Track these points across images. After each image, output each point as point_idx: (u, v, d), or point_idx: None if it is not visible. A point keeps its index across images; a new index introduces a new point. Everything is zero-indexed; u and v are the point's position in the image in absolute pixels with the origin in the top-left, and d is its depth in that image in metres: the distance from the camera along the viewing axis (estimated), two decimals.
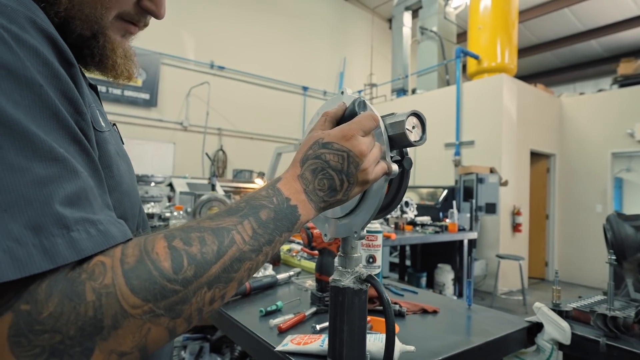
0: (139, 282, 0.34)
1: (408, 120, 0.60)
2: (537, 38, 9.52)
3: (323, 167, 0.51)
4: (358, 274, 0.68)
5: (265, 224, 0.44)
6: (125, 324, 0.33)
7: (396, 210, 3.65)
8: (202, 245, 0.39)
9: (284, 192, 0.48)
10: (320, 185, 0.50)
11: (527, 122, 6.05)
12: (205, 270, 0.38)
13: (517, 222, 5.76)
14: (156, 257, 0.36)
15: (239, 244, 0.41)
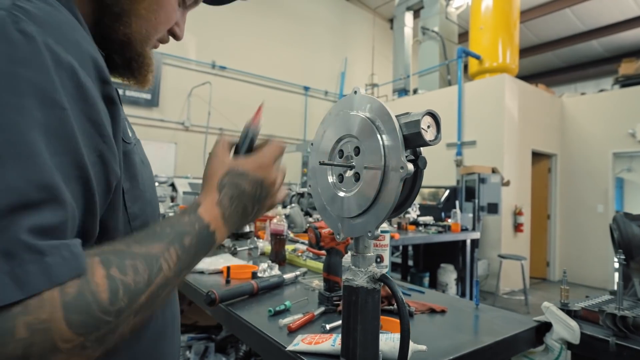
0: (77, 316, 0.33)
1: (423, 120, 0.60)
2: (538, 38, 9.52)
3: (239, 195, 0.55)
4: (372, 274, 0.68)
5: (187, 250, 0.47)
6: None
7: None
8: (135, 275, 0.39)
9: (205, 218, 0.51)
10: (236, 211, 0.55)
11: (528, 122, 6.05)
12: (136, 299, 0.39)
13: (519, 222, 5.76)
14: (96, 288, 0.35)
15: (165, 272, 0.43)
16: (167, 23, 0.59)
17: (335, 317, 1.08)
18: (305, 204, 3.43)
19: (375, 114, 0.66)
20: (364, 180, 0.66)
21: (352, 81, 9.17)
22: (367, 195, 0.64)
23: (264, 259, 1.88)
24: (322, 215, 0.78)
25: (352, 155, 0.69)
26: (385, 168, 0.62)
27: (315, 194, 0.79)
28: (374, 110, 0.66)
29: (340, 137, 0.72)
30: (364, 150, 0.66)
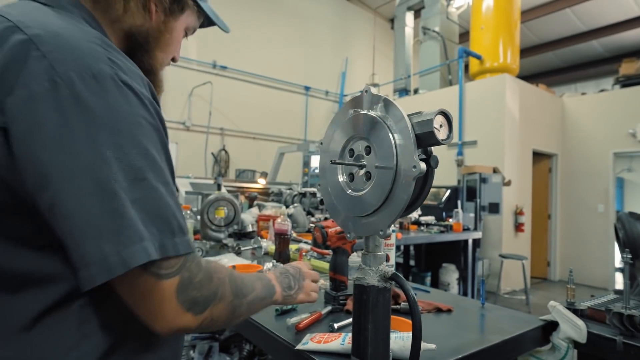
0: (234, 286, 0.63)
1: (436, 119, 0.60)
2: (538, 38, 9.52)
3: (286, 272, 0.87)
4: (383, 272, 0.68)
5: (265, 286, 0.75)
6: (223, 301, 0.60)
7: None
8: (247, 284, 0.68)
9: (272, 281, 0.80)
10: (283, 279, 0.84)
11: (529, 122, 6.05)
12: (248, 295, 0.67)
13: (520, 221, 5.76)
14: (240, 280, 0.66)
15: (257, 292, 0.70)
16: (176, 52, 0.79)
17: (342, 316, 1.09)
18: (307, 203, 3.43)
19: (386, 113, 0.66)
20: (375, 179, 0.66)
21: (352, 81, 9.17)
22: (378, 194, 0.65)
23: (268, 258, 1.88)
24: (331, 214, 0.78)
25: (363, 155, 0.69)
26: (398, 167, 0.62)
27: (324, 192, 0.79)
28: (386, 109, 0.66)
29: (351, 136, 0.72)
30: (375, 149, 0.66)
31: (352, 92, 8.99)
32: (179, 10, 0.72)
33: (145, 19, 0.68)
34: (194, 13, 0.77)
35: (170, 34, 0.72)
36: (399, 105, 0.64)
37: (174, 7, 0.71)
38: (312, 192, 3.40)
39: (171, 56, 0.77)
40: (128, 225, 0.47)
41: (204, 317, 0.56)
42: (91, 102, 0.48)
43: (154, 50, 0.71)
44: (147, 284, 0.50)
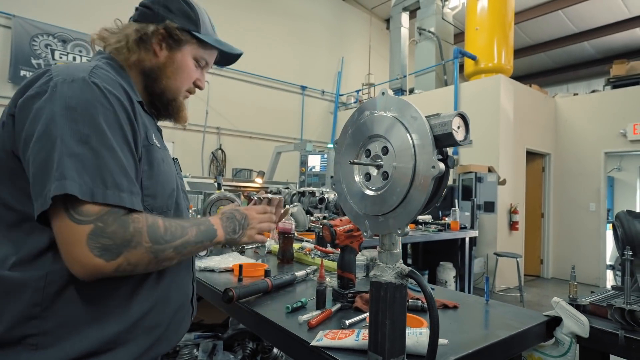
0: (152, 233, 0.71)
1: (454, 121, 0.62)
2: (531, 39, 9.63)
3: (232, 217, 0.95)
4: (400, 270, 0.70)
5: (201, 231, 0.84)
6: (139, 247, 0.69)
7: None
8: (175, 229, 0.77)
9: (212, 221, 0.89)
10: (228, 224, 0.92)
11: (523, 122, 6.13)
12: (174, 240, 0.76)
13: (514, 220, 5.83)
14: (160, 225, 0.74)
15: (189, 235, 0.79)
16: (188, 79, 0.95)
17: (351, 314, 1.11)
18: (306, 202, 3.44)
19: (404, 115, 0.68)
20: (393, 179, 0.68)
21: (348, 81, 9.20)
22: (396, 193, 0.67)
23: (272, 257, 1.90)
24: (346, 212, 0.80)
25: (380, 155, 0.71)
26: (416, 167, 0.64)
27: (339, 191, 0.81)
28: (403, 110, 0.68)
29: (368, 137, 0.74)
30: (392, 149, 0.68)
31: (347, 91, 9.02)
32: (175, 44, 0.90)
33: (152, 57, 0.89)
34: (195, 44, 0.93)
35: (174, 65, 0.91)
36: (417, 108, 0.66)
37: (171, 42, 0.90)
38: (310, 191, 3.42)
39: (184, 83, 0.94)
40: (61, 169, 0.63)
41: (118, 263, 0.66)
42: (62, 92, 0.69)
43: (162, 79, 0.91)
44: (64, 225, 0.64)
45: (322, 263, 1.18)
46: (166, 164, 0.87)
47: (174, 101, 0.94)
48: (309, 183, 5.71)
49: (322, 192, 3.36)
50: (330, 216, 3.26)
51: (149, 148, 0.81)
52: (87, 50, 5.78)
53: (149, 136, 0.82)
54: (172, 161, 0.94)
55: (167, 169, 0.86)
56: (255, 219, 0.98)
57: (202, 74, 0.99)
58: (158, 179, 0.82)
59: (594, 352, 1.07)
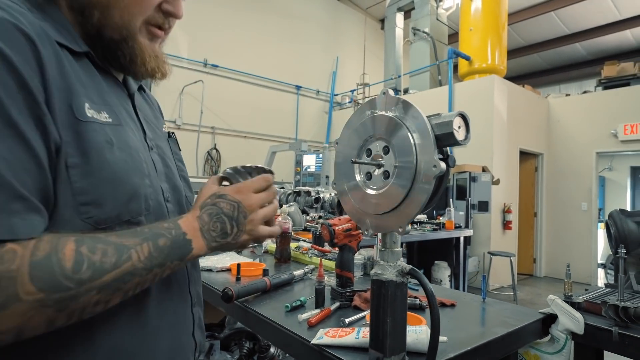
0: (40, 273, 0.41)
1: (455, 120, 0.63)
2: (524, 40, 9.71)
3: (218, 212, 0.60)
4: (400, 268, 0.71)
5: (160, 249, 0.52)
6: (13, 307, 0.39)
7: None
8: (102, 256, 0.46)
9: (183, 227, 0.57)
10: (214, 227, 0.59)
11: (516, 122, 6.19)
12: (100, 276, 0.45)
13: (508, 219, 5.89)
14: (62, 257, 0.43)
15: (134, 261, 0.49)
16: (140, 2, 0.59)
17: (350, 312, 1.11)
18: (301, 202, 3.45)
19: (405, 115, 0.69)
20: (394, 178, 0.69)
21: (343, 80, 9.21)
22: (398, 192, 0.68)
23: (269, 257, 1.90)
24: (348, 211, 0.81)
25: (382, 155, 0.72)
26: (417, 166, 0.65)
27: (341, 191, 0.81)
28: (404, 110, 0.69)
29: (369, 136, 0.75)
30: (393, 149, 0.69)
31: (342, 91, 9.03)
32: None
33: None
34: None
35: None
36: (418, 107, 0.67)
37: None
38: (306, 191, 3.43)
39: (135, 9, 0.59)
40: None
41: None
42: None
43: (105, 10, 0.57)
44: None
45: (321, 262, 1.18)
46: (121, 149, 0.55)
47: (123, 42, 0.59)
48: (304, 183, 5.71)
49: (318, 192, 3.37)
50: (326, 215, 3.27)
51: (79, 127, 0.50)
52: None
53: (76, 107, 0.50)
54: (140, 142, 0.62)
55: (122, 157, 0.55)
56: (254, 205, 0.63)
57: None
58: (101, 175, 0.52)
59: (588, 348, 1.09)
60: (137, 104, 0.69)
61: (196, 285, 0.72)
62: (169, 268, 0.54)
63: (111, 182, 0.53)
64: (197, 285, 0.73)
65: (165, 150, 0.72)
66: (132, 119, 0.64)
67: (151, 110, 0.79)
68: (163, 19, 0.63)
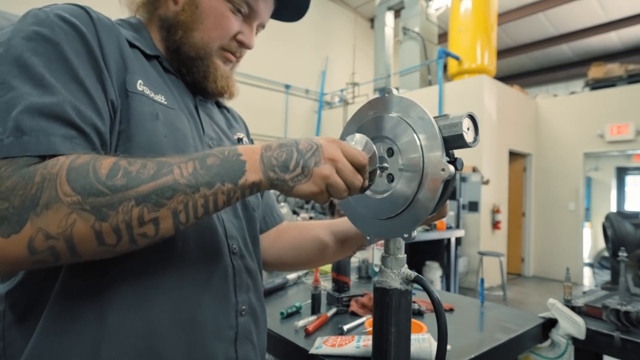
0: (75, 176, 0.42)
1: (464, 122, 0.60)
2: (513, 41, 9.81)
3: (290, 144, 0.53)
4: (405, 275, 0.68)
5: (208, 167, 0.48)
6: (54, 207, 0.41)
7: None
8: (141, 167, 0.45)
9: (240, 149, 0.51)
10: (278, 155, 0.51)
11: (506, 123, 6.23)
12: (135, 185, 0.43)
13: (497, 219, 5.93)
14: (99, 165, 0.44)
15: (176, 175, 0.46)
16: (220, 29, 0.67)
17: (347, 318, 1.08)
18: (292, 203, 3.41)
19: (409, 115, 0.65)
20: (399, 181, 0.65)
21: (333, 80, 9.18)
22: (403, 197, 0.64)
23: None
24: (348, 215, 0.77)
25: (385, 157, 0.68)
26: (424, 170, 0.62)
27: None
28: (408, 110, 0.66)
29: (371, 138, 0.71)
30: (398, 151, 0.66)
31: (332, 90, 9.00)
32: None
33: (170, 4, 0.68)
34: None
35: (196, 11, 0.66)
36: (425, 108, 0.63)
37: None
38: None
39: (213, 34, 0.67)
40: None
41: (26, 238, 0.40)
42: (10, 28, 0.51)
43: (179, 29, 0.66)
44: None
45: (317, 268, 1.15)
46: (166, 126, 0.58)
47: (199, 59, 0.67)
48: None
49: None
50: (316, 216, 3.23)
51: (129, 98, 0.55)
52: None
53: (129, 81, 0.56)
54: (194, 132, 0.65)
55: (164, 132, 0.57)
56: (336, 158, 0.53)
57: (247, 27, 0.71)
58: (137, 140, 0.53)
59: (589, 353, 1.07)
60: (203, 109, 0.73)
61: (249, 292, 0.68)
62: (221, 192, 0.48)
63: (146, 151, 0.53)
64: (250, 293, 0.68)
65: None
66: (190, 114, 0.67)
67: (225, 120, 0.83)
68: (236, 48, 0.72)
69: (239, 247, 0.69)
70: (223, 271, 0.64)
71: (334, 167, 0.53)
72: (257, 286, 0.72)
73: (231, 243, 0.67)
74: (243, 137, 0.82)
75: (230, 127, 0.82)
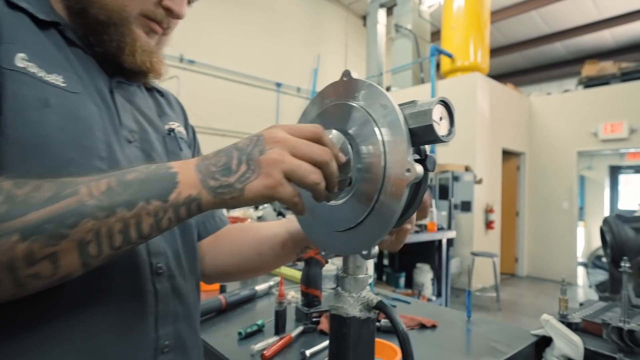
0: None
1: (435, 110, 0.48)
2: (506, 39, 9.74)
3: (228, 148, 0.43)
4: (366, 300, 0.55)
5: (127, 184, 0.38)
6: None
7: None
8: (32, 191, 0.35)
9: (171, 163, 0.42)
10: (216, 161, 0.42)
11: (499, 121, 6.14)
12: (20, 214, 0.34)
13: (490, 219, 5.84)
14: None
15: (82, 196, 0.36)
16: None
17: (315, 339, 0.95)
18: (277, 203, 3.27)
19: (372, 103, 0.53)
20: (357, 185, 0.53)
21: (324, 78, 9.05)
22: (361, 204, 0.51)
23: None
24: (302, 225, 0.64)
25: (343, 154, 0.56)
26: (386, 171, 0.49)
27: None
28: (371, 98, 0.53)
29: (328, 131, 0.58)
30: (357, 147, 0.53)
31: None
32: None
33: None
34: None
35: None
36: (387, 93, 0.51)
37: None
38: None
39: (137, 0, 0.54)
40: None
41: None
42: None
43: None
44: None
45: (282, 279, 1.02)
46: (62, 116, 0.46)
47: (112, 26, 0.53)
48: None
49: None
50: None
51: (8, 77, 0.43)
52: None
53: (2, 54, 0.43)
54: (106, 125, 0.51)
55: (58, 125, 0.45)
56: (282, 141, 0.42)
57: None
58: (16, 139, 0.42)
59: None
60: (123, 93, 0.58)
61: (177, 322, 0.55)
62: (146, 213, 0.38)
63: (28, 150, 0.42)
64: (179, 322, 0.56)
65: (155, 147, 0.60)
66: (103, 100, 0.53)
67: (156, 107, 0.68)
68: (163, 16, 0.57)
69: (167, 265, 0.56)
70: (140, 300, 0.51)
71: (285, 148, 0.42)
72: (189, 312, 0.59)
73: (155, 262, 0.54)
74: (177, 127, 0.67)
75: (162, 114, 0.67)
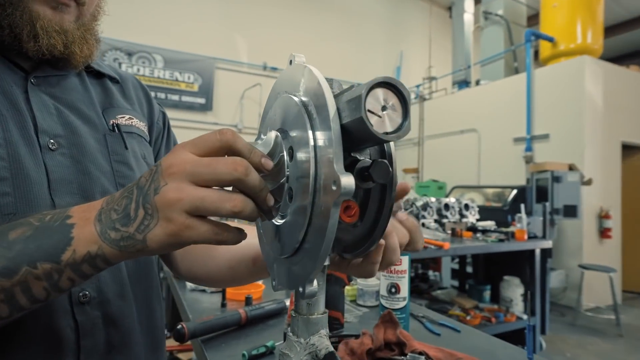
0: None
1: (371, 96, 0.34)
2: (628, 12, 8.23)
3: (133, 183, 0.35)
4: (314, 349, 0.43)
5: (9, 244, 0.33)
6: None
7: (454, 214, 3.23)
8: None
9: (70, 210, 0.35)
10: (119, 204, 0.34)
11: (616, 110, 5.18)
12: None
13: (606, 226, 4.95)
14: None
15: None
16: None
17: None
18: None
19: (309, 95, 0.41)
20: (295, 201, 0.41)
21: (408, 75, 8.69)
22: (299, 224, 0.40)
23: None
24: (260, 245, 0.54)
25: (287, 161, 0.44)
26: (317, 184, 0.37)
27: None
28: (310, 87, 0.41)
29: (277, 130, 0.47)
30: (296, 153, 0.42)
31: (408, 86, 8.51)
32: None
33: None
34: None
35: None
36: (323, 80, 0.38)
37: None
38: None
39: None
40: None
41: None
42: None
43: None
44: None
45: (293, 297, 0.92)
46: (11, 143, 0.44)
47: (3, 7, 0.46)
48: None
49: None
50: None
51: None
52: (150, 62, 6.12)
53: None
54: (3, 122, 0.45)
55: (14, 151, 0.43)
56: (176, 162, 0.33)
57: None
58: None
59: None
60: (48, 88, 0.51)
61: (112, 355, 0.50)
62: (34, 278, 0.33)
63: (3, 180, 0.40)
64: (113, 355, 0.50)
65: (89, 151, 0.52)
66: (11, 102, 0.47)
67: (104, 97, 0.59)
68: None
69: (97, 290, 0.49)
70: (56, 336, 0.45)
71: (183, 178, 0.33)
72: (128, 342, 0.52)
73: (78, 289, 0.47)
74: (126, 121, 0.58)
75: (110, 107, 0.58)
